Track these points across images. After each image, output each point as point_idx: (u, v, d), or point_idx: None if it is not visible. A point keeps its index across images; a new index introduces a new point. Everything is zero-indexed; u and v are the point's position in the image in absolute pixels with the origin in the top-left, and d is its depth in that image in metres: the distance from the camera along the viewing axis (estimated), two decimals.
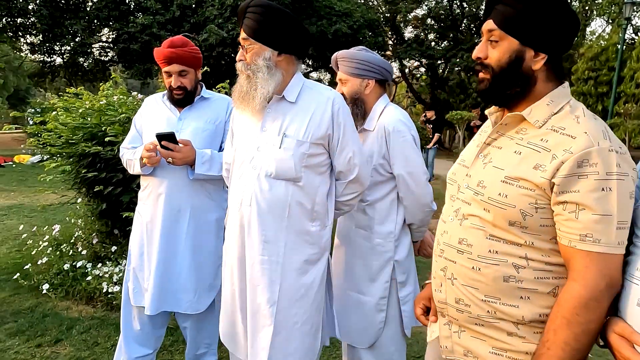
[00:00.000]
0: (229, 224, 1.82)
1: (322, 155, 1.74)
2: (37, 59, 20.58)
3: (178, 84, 2.24)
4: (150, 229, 2.27)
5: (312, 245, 1.74)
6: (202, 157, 2.20)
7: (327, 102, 1.73)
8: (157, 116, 2.34)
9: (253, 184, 1.70)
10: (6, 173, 10.45)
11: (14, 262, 4.36)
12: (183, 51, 2.23)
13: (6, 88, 45.56)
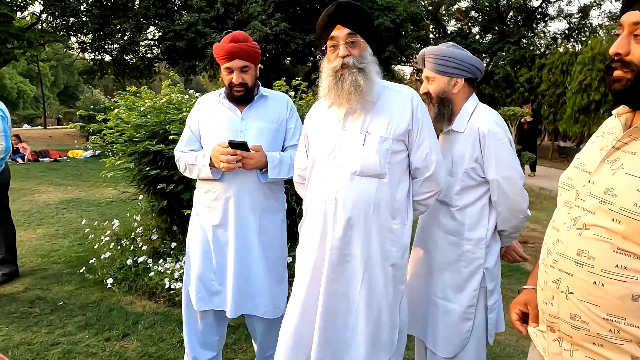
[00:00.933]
0: (309, 224, 1.81)
1: (403, 152, 1.75)
2: (87, 57, 21.40)
3: (240, 80, 2.18)
4: (220, 233, 2.23)
5: (394, 242, 1.73)
6: (273, 161, 2.19)
7: (406, 99, 1.76)
8: (217, 117, 2.27)
9: (337, 182, 1.71)
10: (62, 168, 10.88)
11: (77, 256, 4.52)
12: (246, 46, 2.18)
13: (57, 85, 47.64)
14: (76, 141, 15.51)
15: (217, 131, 2.21)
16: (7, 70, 35.77)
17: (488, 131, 1.80)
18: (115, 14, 17.53)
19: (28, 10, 18.20)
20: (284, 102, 2.37)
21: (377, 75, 1.72)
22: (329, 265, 1.72)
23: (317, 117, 1.90)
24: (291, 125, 2.36)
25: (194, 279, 2.29)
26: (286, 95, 2.48)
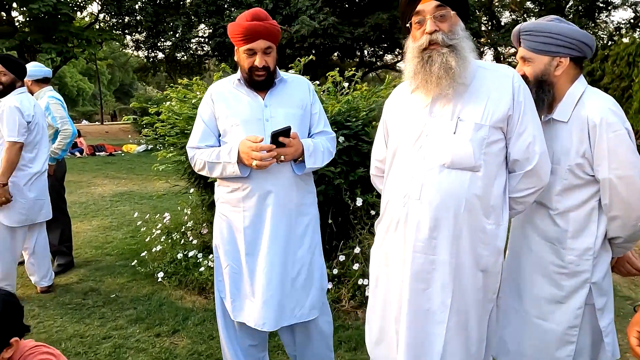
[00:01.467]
0: (387, 222, 1.62)
1: (500, 141, 1.51)
2: (141, 54, 22.09)
3: (263, 64, 1.91)
4: (251, 235, 1.98)
5: (486, 245, 1.51)
6: (308, 149, 1.96)
7: (505, 79, 1.52)
8: (237, 105, 2.00)
9: (423, 176, 1.50)
10: (116, 162, 11.22)
11: (129, 248, 4.54)
12: (270, 25, 1.92)
13: (113, 82, 49.70)
14: (130, 136, 16.02)
15: (239, 121, 1.96)
16: (68, 69, 37.61)
17: (600, 120, 1.50)
18: (168, 12, 17.95)
19: (87, 10, 19.00)
20: (305, 85, 2.14)
21: (471, 53, 1.50)
22: (413, 274, 1.52)
23: (398, 101, 1.69)
24: (315, 110, 2.14)
25: (228, 287, 2.08)
26: (304, 77, 2.26)
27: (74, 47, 16.54)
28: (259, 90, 2.00)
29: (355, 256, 3.42)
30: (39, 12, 14.17)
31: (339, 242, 3.55)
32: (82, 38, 16.32)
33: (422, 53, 1.50)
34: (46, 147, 3.44)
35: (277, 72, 2.05)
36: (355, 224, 3.54)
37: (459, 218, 1.47)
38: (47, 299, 3.41)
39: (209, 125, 2.06)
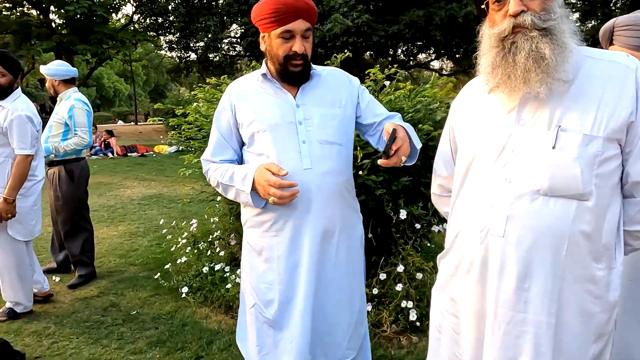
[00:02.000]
0: (456, 261, 1.26)
1: (616, 158, 1.11)
2: (174, 55, 22.21)
3: (302, 50, 1.57)
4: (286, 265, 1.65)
5: (597, 299, 1.12)
6: (409, 130, 1.61)
7: (624, 72, 1.11)
8: (263, 106, 1.65)
9: (508, 205, 1.12)
10: (147, 162, 11.15)
11: (154, 257, 4.30)
12: (309, 2, 1.58)
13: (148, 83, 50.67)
14: (162, 137, 16.05)
15: (266, 126, 1.62)
16: (105, 70, 38.48)
17: None
18: (200, 12, 17.94)
19: (121, 12, 19.21)
20: (344, 78, 1.78)
21: (572, 38, 1.11)
22: (494, 337, 1.15)
23: (471, 103, 1.31)
24: (365, 100, 1.77)
25: (252, 331, 1.74)
26: (340, 69, 1.87)
27: (108, 49, 16.72)
28: (292, 85, 1.67)
29: (398, 275, 3.06)
30: (75, 13, 14.34)
31: (379, 258, 3.19)
32: (117, 39, 16.47)
33: (502, 41, 1.13)
34: (42, 151, 3.22)
35: (311, 64, 1.69)
36: (397, 238, 3.17)
37: (559, 263, 1.09)
38: (64, 315, 3.18)
39: (225, 135, 1.74)
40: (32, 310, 3.20)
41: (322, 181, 1.60)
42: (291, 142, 1.61)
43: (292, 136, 1.61)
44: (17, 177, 2.90)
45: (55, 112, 3.63)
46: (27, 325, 3.00)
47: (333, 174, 1.63)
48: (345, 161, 1.71)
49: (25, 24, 16.08)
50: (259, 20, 1.61)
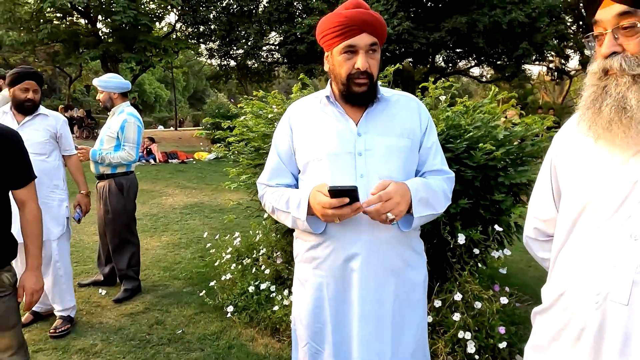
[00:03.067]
0: (560, 323, 1.08)
1: None
2: (214, 62, 22.58)
3: (366, 67, 1.42)
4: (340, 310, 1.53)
5: None
6: (417, 193, 1.43)
7: None
8: (322, 132, 1.52)
9: (633, 266, 0.94)
10: (188, 169, 11.27)
11: (198, 272, 4.26)
12: (376, 15, 1.45)
13: (187, 89, 51.77)
14: (202, 143, 16.25)
15: (324, 155, 1.49)
16: (146, 77, 39.54)
17: None
18: (241, 21, 18.14)
19: (165, 21, 19.67)
20: (414, 106, 1.59)
21: None
22: None
23: (580, 142, 1.10)
24: (430, 141, 1.58)
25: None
26: (412, 95, 1.68)
27: (152, 56, 17.12)
28: (356, 106, 1.51)
29: (455, 303, 2.87)
30: (121, 23, 14.74)
31: (433, 284, 3.02)
32: (160, 47, 16.85)
33: (599, 81, 0.98)
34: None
35: (378, 86, 1.54)
36: (453, 263, 2.99)
37: None
38: (111, 331, 3.14)
39: (283, 159, 1.63)
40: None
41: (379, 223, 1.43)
42: (347, 175, 1.47)
43: (349, 169, 1.47)
44: (82, 172, 3.36)
45: (107, 126, 3.64)
46: (75, 342, 2.98)
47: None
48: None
49: (74, 33, 16.68)
50: (322, 37, 1.49)
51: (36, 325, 3.18)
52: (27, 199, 1.92)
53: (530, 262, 4.74)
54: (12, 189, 1.88)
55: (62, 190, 3.18)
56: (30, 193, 1.93)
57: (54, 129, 3.12)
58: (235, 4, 18.22)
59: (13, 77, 3.00)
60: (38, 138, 3.02)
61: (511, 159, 3.05)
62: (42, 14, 15.86)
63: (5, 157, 1.78)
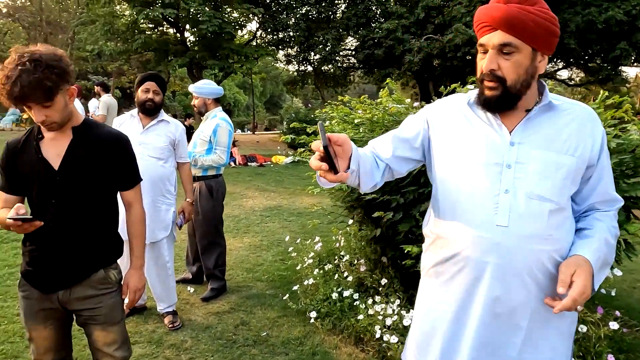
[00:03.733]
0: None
1: None
2: (292, 68, 23.06)
3: (492, 67, 1.28)
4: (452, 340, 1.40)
5: None
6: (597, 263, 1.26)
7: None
8: (468, 135, 1.37)
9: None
10: (266, 173, 11.56)
11: (279, 275, 4.30)
12: (522, 10, 1.23)
13: (264, 94, 53.43)
14: (279, 147, 16.62)
15: (463, 163, 1.36)
16: (227, 83, 41.27)
17: None
18: (319, 27, 18.37)
19: (246, 29, 20.38)
20: (587, 119, 1.33)
21: None
22: None
23: None
24: (603, 163, 1.35)
25: None
26: (588, 106, 1.39)
27: (234, 63, 17.79)
28: (514, 113, 1.33)
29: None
30: (207, 31, 15.46)
31: None
32: (242, 54, 17.46)
33: None
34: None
35: (546, 92, 1.33)
36: None
37: None
38: (199, 328, 3.25)
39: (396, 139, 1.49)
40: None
41: (519, 247, 1.26)
42: (489, 189, 1.30)
43: (494, 182, 1.30)
44: (191, 180, 3.48)
45: (200, 130, 3.78)
46: (167, 337, 3.10)
47: (538, 241, 1.26)
48: (562, 227, 1.30)
49: (164, 42, 17.74)
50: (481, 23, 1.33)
51: (132, 318, 3.35)
52: (133, 200, 2.00)
53: (636, 282, 4.30)
54: (121, 190, 1.97)
55: (172, 196, 3.32)
56: (136, 195, 2.01)
57: (173, 135, 3.26)
58: (314, 10, 18.48)
59: (137, 80, 3.22)
60: (159, 143, 3.18)
61: (622, 170, 2.77)
62: (137, 25, 17.03)
63: (115, 160, 1.87)
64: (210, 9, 15.72)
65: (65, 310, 1.86)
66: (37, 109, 1.65)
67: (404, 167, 1.51)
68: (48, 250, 1.79)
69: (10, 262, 4.33)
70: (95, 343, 1.89)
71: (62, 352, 1.94)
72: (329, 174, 1.15)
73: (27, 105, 1.64)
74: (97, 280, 1.86)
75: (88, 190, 1.81)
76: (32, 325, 1.84)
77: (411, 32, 15.89)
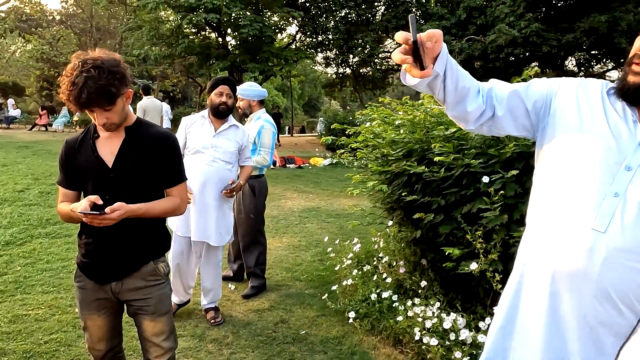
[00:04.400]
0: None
1: None
2: (330, 71, 23.18)
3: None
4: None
5: None
6: None
7: None
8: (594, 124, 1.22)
9: None
10: (304, 174, 11.64)
11: (318, 275, 4.34)
12: None
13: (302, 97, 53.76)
14: (317, 149, 16.71)
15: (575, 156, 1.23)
16: (266, 86, 41.87)
17: None
18: (359, 29, 18.38)
19: (286, 32, 20.63)
20: None
21: None
22: None
23: None
24: None
25: None
26: None
27: (273, 66, 18.03)
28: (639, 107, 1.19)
29: None
30: (247, 35, 15.75)
31: None
32: (281, 57, 17.68)
33: None
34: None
35: None
36: None
37: None
38: (240, 325, 3.32)
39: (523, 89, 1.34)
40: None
41: (612, 259, 1.11)
42: (596, 190, 1.15)
43: (604, 182, 1.15)
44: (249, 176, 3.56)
45: None
46: (209, 332, 3.19)
47: (635, 257, 1.10)
48: None
49: (207, 46, 18.20)
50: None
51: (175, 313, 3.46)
52: (177, 197, 2.05)
53: None
54: (165, 187, 2.02)
55: (233, 200, 3.41)
56: (180, 193, 2.05)
57: (241, 141, 3.35)
58: (354, 13, 18.50)
59: (210, 84, 3.30)
60: (230, 148, 3.26)
61: None
62: (181, 30, 17.55)
63: (162, 158, 1.94)
64: (251, 13, 16.01)
65: (118, 301, 1.95)
66: (99, 112, 1.75)
67: (508, 122, 1.34)
68: (102, 243, 1.88)
69: (63, 256, 4.56)
70: (144, 333, 1.97)
71: (114, 341, 2.04)
72: (415, 69, 1.10)
73: (91, 109, 1.73)
74: (147, 272, 1.94)
75: (139, 186, 1.89)
76: (87, 314, 1.94)
77: (452, 33, 15.65)
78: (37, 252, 4.66)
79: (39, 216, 5.83)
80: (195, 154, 3.23)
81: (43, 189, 7.25)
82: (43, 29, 28.56)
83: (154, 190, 1.95)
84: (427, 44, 1.11)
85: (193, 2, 14.68)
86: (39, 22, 29.79)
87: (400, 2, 17.33)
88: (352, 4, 17.72)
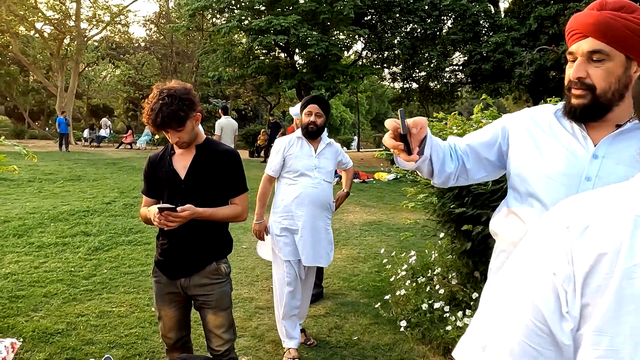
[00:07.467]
0: None
1: None
2: (397, 86, 23.22)
3: (579, 75, 1.23)
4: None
5: None
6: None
7: None
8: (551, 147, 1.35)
9: None
10: (368, 189, 11.78)
11: (374, 285, 4.47)
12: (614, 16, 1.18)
13: (370, 112, 53.96)
14: (382, 164, 16.77)
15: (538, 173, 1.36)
16: (333, 102, 42.54)
17: None
18: (424, 44, 18.36)
19: (352, 49, 21.03)
20: None
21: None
22: None
23: None
24: None
25: None
26: None
27: (339, 83, 18.44)
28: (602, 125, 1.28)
29: None
30: (315, 54, 16.28)
31: None
32: (347, 74, 18.05)
33: None
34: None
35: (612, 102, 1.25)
36: None
37: None
38: None
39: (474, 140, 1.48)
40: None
41: None
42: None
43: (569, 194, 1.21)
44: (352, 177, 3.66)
45: None
46: (269, 334, 3.43)
47: None
48: None
49: (276, 66, 19.01)
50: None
51: (238, 315, 3.74)
52: (239, 205, 2.32)
53: None
54: (230, 197, 2.31)
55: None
56: (242, 202, 2.33)
57: (337, 155, 3.40)
58: (420, 28, 18.52)
59: (302, 103, 3.31)
60: (329, 167, 3.28)
61: None
62: (252, 51, 18.52)
63: (227, 171, 2.23)
64: (317, 33, 16.54)
65: (186, 295, 2.24)
66: (172, 132, 2.09)
67: (478, 168, 1.49)
68: (174, 244, 2.19)
69: (143, 261, 5.04)
70: (207, 325, 2.24)
71: (183, 331, 2.33)
72: (404, 154, 1.25)
73: (165, 130, 2.07)
74: (210, 271, 2.21)
75: (206, 195, 2.19)
76: (161, 305, 2.25)
77: (522, 44, 15.24)
78: (121, 257, 5.18)
79: (123, 226, 6.45)
80: (299, 177, 3.16)
81: (127, 202, 7.98)
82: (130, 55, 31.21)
83: (219, 199, 2.24)
84: (413, 130, 1.26)
85: (263, 25, 15.47)
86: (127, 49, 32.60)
87: (468, 15, 17.14)
88: (418, 19, 17.78)
